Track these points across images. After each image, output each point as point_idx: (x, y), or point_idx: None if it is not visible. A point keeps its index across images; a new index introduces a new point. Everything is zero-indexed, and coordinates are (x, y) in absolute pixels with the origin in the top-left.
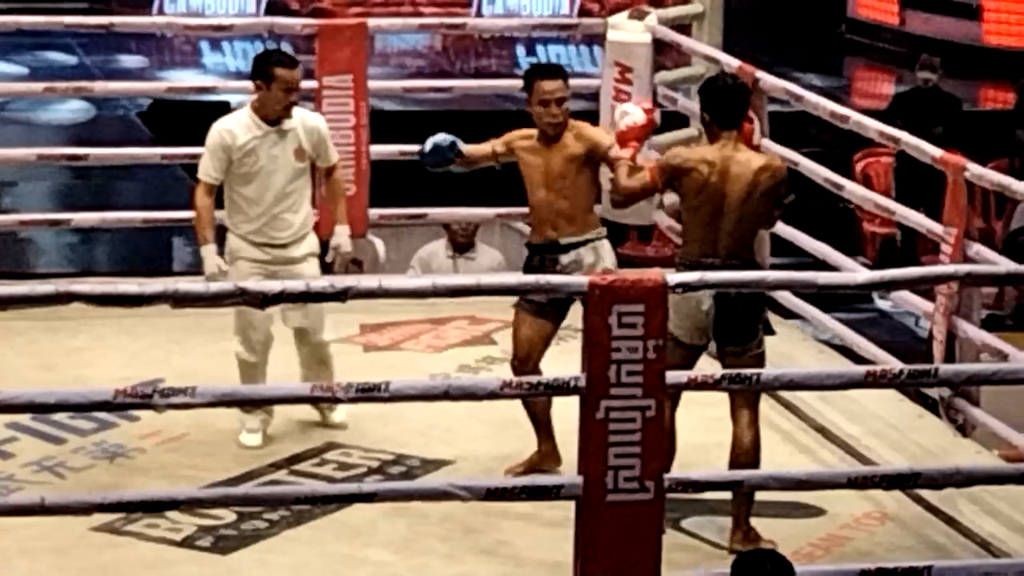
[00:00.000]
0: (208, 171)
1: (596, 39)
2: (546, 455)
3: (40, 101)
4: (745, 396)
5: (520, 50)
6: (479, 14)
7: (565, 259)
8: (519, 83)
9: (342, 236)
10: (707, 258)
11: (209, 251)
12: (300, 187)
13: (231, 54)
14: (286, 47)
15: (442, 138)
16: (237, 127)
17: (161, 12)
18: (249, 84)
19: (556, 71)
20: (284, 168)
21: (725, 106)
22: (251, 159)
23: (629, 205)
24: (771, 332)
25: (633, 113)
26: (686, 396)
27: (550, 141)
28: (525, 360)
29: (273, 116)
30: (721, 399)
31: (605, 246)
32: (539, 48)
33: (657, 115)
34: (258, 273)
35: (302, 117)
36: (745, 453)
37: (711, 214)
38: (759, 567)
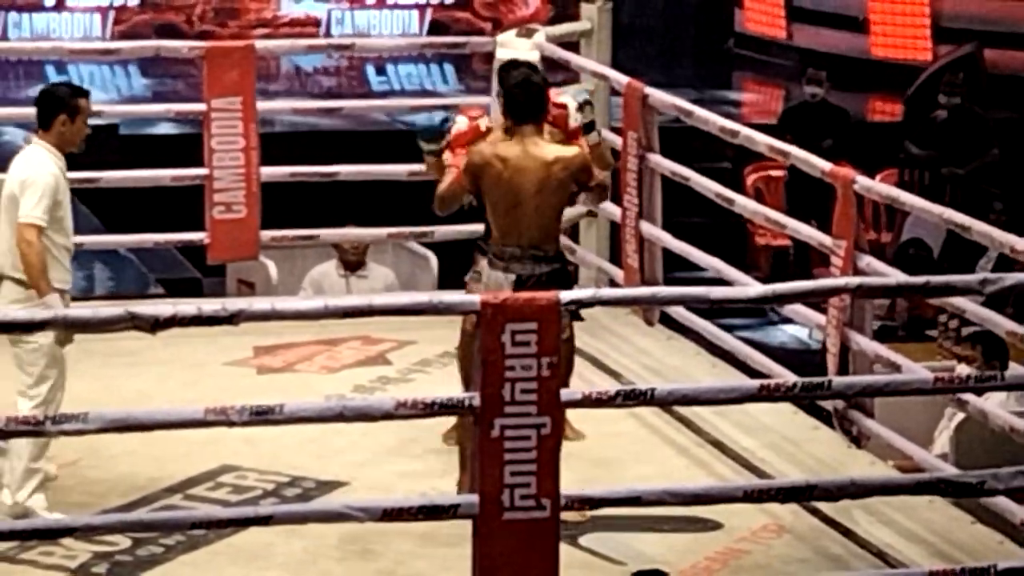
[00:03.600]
0: (41, 214)
1: (447, 58)
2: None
3: None
4: None
5: (371, 70)
6: (328, 34)
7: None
8: (409, 103)
9: None
10: (509, 247)
11: (56, 299)
12: None
13: (76, 77)
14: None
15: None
16: (55, 168)
17: (5, 36)
18: (134, 108)
19: None
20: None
21: (516, 102)
22: (65, 201)
23: (444, 209)
24: (578, 318)
25: (459, 122)
26: (582, 413)
27: None
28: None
29: (68, 151)
30: (617, 416)
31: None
32: (389, 67)
33: (484, 121)
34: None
35: None
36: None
37: (509, 206)
38: None
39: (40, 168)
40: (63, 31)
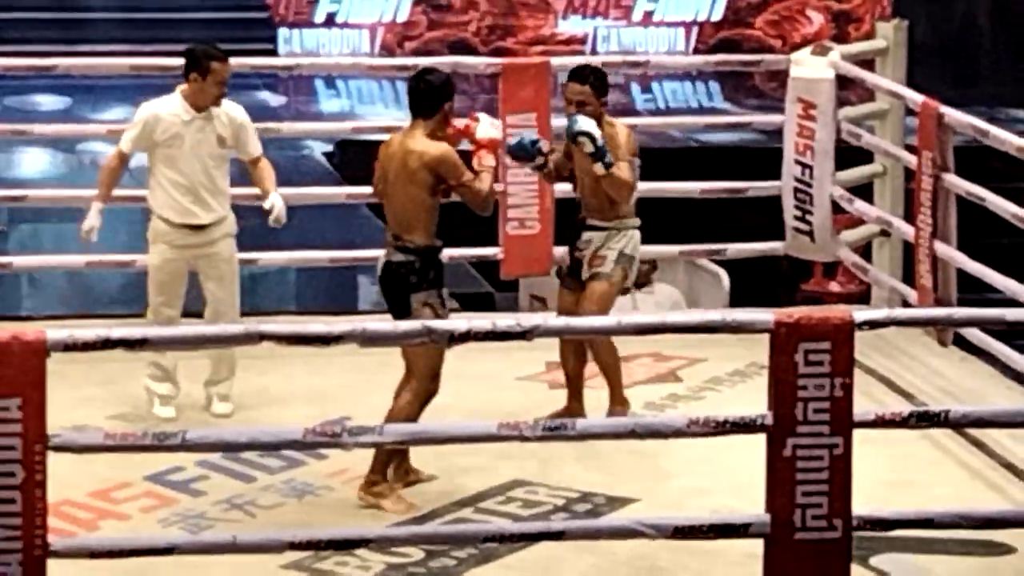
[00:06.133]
0: (125, 140)
1: (712, 75)
2: (573, 409)
3: None
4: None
5: (635, 87)
6: (594, 52)
7: (584, 236)
8: (702, 120)
9: (276, 198)
10: (387, 233)
11: (96, 207)
12: (222, 172)
13: (345, 94)
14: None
15: (528, 136)
16: (163, 110)
17: (275, 52)
18: None
19: (577, 74)
20: (208, 153)
21: (409, 98)
22: (177, 142)
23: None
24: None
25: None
26: (873, 435)
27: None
28: None
29: (203, 106)
30: (910, 436)
31: (621, 237)
32: (655, 85)
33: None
34: (176, 258)
35: (226, 108)
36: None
37: (383, 193)
38: None
39: (151, 106)
40: (331, 46)
